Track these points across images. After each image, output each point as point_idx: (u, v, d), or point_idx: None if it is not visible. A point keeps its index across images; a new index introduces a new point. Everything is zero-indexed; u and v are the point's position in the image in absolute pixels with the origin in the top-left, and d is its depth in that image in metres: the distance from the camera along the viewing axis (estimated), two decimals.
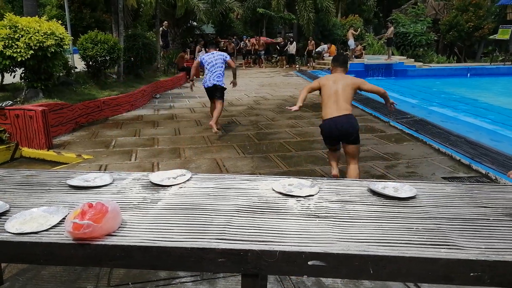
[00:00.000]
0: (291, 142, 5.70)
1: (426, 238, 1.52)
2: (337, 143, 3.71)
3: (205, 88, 6.08)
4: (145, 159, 5.00)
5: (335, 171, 3.81)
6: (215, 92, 6.01)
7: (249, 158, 4.97)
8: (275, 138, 6.00)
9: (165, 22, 14.92)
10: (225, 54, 6.13)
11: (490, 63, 18.47)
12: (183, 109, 8.71)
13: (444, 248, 1.45)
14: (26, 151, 5.48)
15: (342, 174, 3.93)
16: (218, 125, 6.17)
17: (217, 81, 5.89)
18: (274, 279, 2.38)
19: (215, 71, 5.90)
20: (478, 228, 1.62)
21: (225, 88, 6.07)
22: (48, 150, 5.41)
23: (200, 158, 5.01)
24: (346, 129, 3.49)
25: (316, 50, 18.47)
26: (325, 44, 19.09)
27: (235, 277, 2.39)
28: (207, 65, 5.94)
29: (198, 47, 17.22)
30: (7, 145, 5.32)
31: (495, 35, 19.13)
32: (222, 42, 21.21)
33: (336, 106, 3.49)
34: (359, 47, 17.88)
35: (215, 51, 6.11)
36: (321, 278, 2.35)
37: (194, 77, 6.72)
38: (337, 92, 3.52)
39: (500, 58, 19.07)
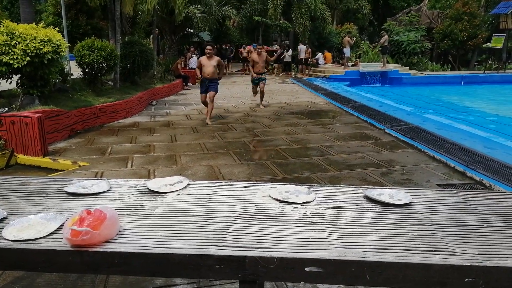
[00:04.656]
0: (287, 149, 5.73)
1: (421, 244, 1.54)
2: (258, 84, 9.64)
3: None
4: (141, 166, 4.99)
5: (254, 95, 10.24)
6: None
7: (245, 165, 4.99)
8: (271, 145, 6.03)
9: (156, 30, 15.14)
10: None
11: (483, 71, 18.68)
12: (179, 116, 8.72)
13: (439, 254, 1.47)
14: (22, 158, 5.46)
15: (337, 181, 4.35)
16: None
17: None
18: (270, 286, 2.38)
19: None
20: (472, 234, 1.64)
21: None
22: (43, 157, 5.39)
23: (196, 165, 5.01)
24: (260, 78, 9.45)
25: (316, 57, 18.69)
26: (319, 52, 19.30)
27: (232, 284, 2.40)
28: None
29: (189, 54, 17.31)
30: (2, 152, 5.29)
31: (488, 44, 19.38)
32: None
33: (260, 67, 9.38)
34: (356, 60, 18.16)
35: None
36: (317, 285, 2.36)
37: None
38: (262, 59, 9.33)
39: (494, 66, 19.28)
